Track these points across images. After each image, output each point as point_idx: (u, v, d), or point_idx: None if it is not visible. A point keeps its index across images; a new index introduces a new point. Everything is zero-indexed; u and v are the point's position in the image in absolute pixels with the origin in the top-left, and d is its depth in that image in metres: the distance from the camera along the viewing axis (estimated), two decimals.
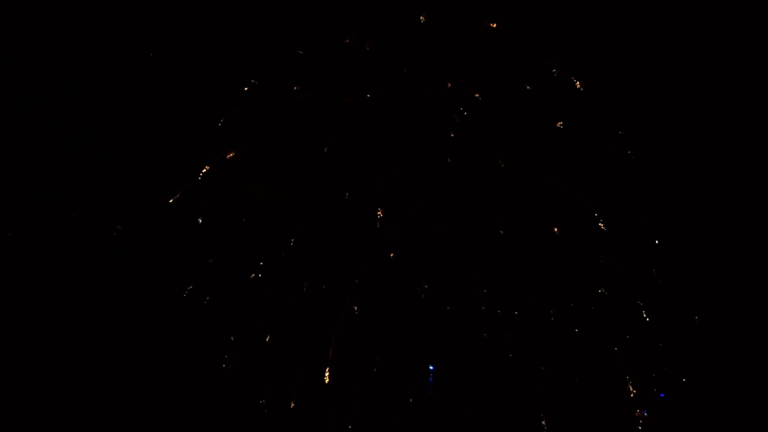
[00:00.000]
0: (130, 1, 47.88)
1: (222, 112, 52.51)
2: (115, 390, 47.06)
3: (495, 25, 50.40)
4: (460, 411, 48.06)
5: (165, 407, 47.92)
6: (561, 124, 49.80)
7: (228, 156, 50.18)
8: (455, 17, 54.95)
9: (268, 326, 51.22)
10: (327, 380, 46.77)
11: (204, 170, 49.42)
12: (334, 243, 51.70)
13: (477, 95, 48.71)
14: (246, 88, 52.41)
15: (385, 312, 49.60)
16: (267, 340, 50.40)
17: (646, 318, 52.44)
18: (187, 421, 47.81)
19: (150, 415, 47.10)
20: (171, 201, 48.37)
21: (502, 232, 50.31)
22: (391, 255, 49.68)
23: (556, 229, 49.52)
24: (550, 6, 52.79)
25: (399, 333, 48.71)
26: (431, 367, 47.55)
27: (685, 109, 52.76)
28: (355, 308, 48.34)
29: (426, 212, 50.96)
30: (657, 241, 52.93)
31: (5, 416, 44.25)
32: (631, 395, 50.88)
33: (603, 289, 52.74)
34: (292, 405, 48.30)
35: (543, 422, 50.56)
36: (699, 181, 53.12)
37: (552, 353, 52.44)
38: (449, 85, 52.14)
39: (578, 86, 52.14)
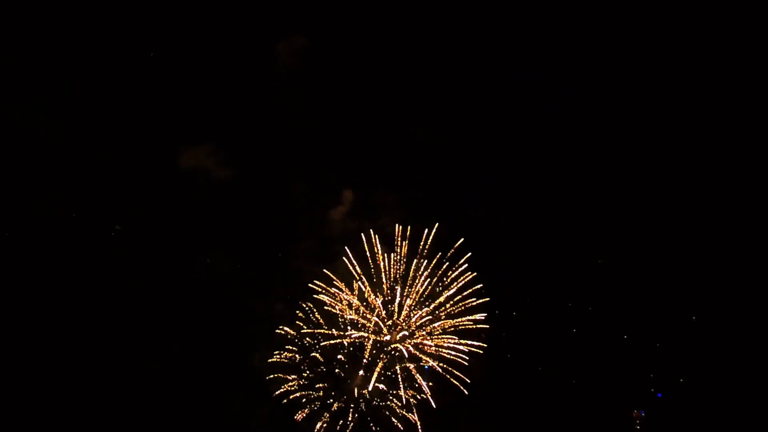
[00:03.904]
0: (130, 1, 47.65)
1: (222, 112, 52.85)
2: (116, 390, 47.00)
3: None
4: (460, 411, 48.37)
5: (165, 407, 47.97)
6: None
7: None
8: (455, 17, 55.15)
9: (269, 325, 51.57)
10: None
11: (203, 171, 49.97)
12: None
13: None
14: (245, 89, 52.85)
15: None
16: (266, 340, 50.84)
17: (645, 318, 52.87)
18: (186, 420, 47.89)
19: (150, 415, 47.11)
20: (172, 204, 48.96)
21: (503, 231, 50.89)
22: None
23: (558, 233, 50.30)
24: (550, 6, 52.91)
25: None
26: (426, 367, 47.71)
27: (686, 109, 52.95)
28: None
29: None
30: (657, 242, 53.42)
31: (5, 416, 44.13)
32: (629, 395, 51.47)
33: (602, 289, 53.26)
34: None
35: (542, 422, 51.16)
36: (699, 180, 53.37)
37: (552, 353, 52.88)
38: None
39: (579, 87, 52.67)
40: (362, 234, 48.94)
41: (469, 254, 48.31)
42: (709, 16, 49.83)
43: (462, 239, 48.46)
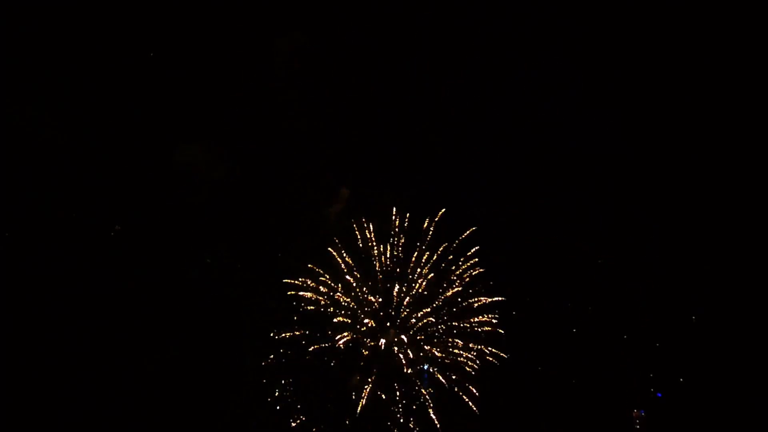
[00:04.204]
0: (130, 1, 47.52)
1: (220, 112, 52.71)
2: (113, 390, 46.90)
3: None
4: (460, 411, 48.35)
5: (165, 407, 47.90)
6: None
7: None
8: (455, 14, 55.00)
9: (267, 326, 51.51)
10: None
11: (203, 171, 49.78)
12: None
13: None
14: (245, 88, 52.73)
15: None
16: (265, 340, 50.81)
17: (645, 318, 52.85)
18: (186, 420, 47.84)
19: (150, 415, 47.04)
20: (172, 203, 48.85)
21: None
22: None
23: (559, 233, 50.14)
24: (551, 4, 52.81)
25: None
26: (425, 366, 47.72)
27: (686, 109, 52.90)
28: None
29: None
30: (657, 242, 53.38)
31: (5, 416, 44.06)
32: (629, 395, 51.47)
33: (602, 289, 53.25)
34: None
35: (543, 422, 51.15)
36: (699, 180, 53.33)
37: (552, 353, 52.86)
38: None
39: (579, 86, 52.61)
40: (353, 222, 48.46)
41: (477, 247, 48.09)
42: (709, 16, 49.89)
43: (474, 228, 47.83)
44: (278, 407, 47.57)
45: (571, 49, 51.50)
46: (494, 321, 47.42)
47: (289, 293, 48.95)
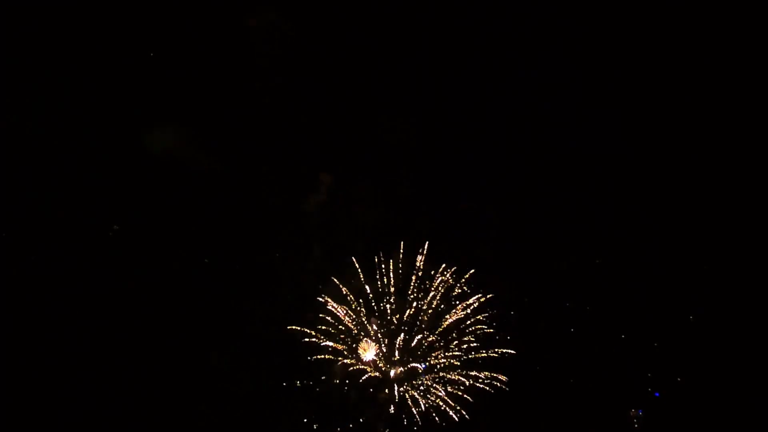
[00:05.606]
0: (130, 1, 47.58)
1: (221, 112, 52.85)
2: (115, 390, 47.01)
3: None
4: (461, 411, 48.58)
5: (164, 406, 48.01)
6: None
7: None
8: (455, 17, 55.03)
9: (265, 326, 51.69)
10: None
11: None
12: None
13: None
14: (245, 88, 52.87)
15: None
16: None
17: (642, 318, 53.01)
18: (185, 420, 47.95)
19: (150, 415, 47.14)
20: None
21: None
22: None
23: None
24: (550, 6, 52.85)
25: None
26: (423, 365, 47.93)
27: (685, 108, 52.99)
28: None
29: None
30: (656, 241, 53.52)
31: (5, 416, 44.16)
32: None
33: (600, 289, 53.44)
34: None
35: (540, 422, 51.34)
36: (698, 180, 53.44)
37: (550, 353, 53.04)
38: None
39: (576, 82, 52.70)
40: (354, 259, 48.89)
41: (484, 295, 48.74)
42: (709, 16, 49.98)
43: (473, 270, 48.74)
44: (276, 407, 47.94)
45: (570, 49, 51.63)
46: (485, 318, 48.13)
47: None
